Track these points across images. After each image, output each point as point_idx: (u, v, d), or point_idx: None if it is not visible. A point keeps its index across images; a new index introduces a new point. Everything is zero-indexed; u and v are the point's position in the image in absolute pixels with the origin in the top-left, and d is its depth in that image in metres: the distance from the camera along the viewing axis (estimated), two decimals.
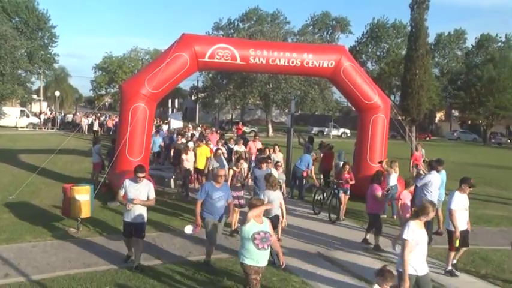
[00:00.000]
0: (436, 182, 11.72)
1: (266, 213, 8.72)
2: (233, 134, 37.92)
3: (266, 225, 6.83)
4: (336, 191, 14.08)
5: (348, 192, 14.32)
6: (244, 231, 6.74)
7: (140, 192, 8.82)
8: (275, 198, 9.97)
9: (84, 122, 48.14)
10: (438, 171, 12.25)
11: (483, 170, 19.78)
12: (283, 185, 13.60)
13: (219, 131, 30.76)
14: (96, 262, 9.29)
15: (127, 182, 8.92)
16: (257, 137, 21.51)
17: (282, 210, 10.25)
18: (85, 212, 11.26)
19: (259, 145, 20.22)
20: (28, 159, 23.34)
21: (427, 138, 66.45)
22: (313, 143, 20.02)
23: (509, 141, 72.28)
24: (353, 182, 14.44)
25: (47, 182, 17.56)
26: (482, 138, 69.30)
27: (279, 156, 17.43)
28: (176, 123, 28.12)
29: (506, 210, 16.36)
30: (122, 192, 8.98)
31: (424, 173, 14.02)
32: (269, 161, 14.08)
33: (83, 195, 11.21)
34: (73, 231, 11.35)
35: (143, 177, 8.88)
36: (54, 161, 19.31)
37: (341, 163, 18.01)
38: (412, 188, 12.15)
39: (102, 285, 8.19)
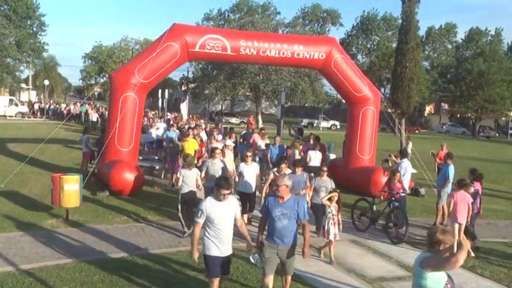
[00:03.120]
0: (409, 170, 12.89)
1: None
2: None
3: None
4: (393, 204, 11.78)
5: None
6: None
7: (227, 214, 6.62)
8: (190, 175, 10.74)
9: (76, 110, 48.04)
10: (448, 165, 12.82)
11: (471, 163, 19.92)
12: (332, 197, 9.83)
13: (220, 125, 26.79)
14: (84, 252, 9.27)
15: (207, 204, 6.56)
16: (263, 131, 19.92)
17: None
18: (74, 202, 11.23)
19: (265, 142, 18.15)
20: (17, 148, 23.21)
21: (417, 131, 66.69)
22: (303, 135, 20.07)
23: (497, 134, 72.78)
24: (407, 192, 12.59)
25: (36, 171, 17.47)
26: (471, 131, 69.68)
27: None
28: (185, 113, 27.43)
29: (494, 203, 16.47)
30: (201, 221, 6.56)
31: (394, 162, 14.11)
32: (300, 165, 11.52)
33: (72, 184, 11.17)
34: (62, 220, 11.32)
35: (228, 193, 6.58)
36: (43, 150, 19.20)
37: (330, 156, 18.09)
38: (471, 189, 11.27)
39: (91, 274, 8.17)
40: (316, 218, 11.01)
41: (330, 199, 9.70)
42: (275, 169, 11.64)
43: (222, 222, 6.53)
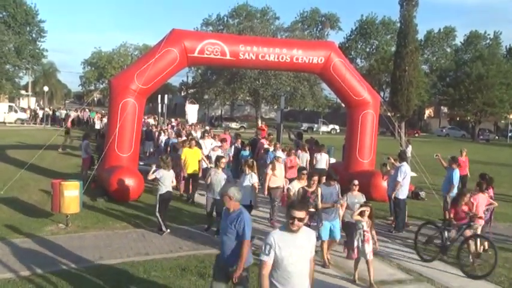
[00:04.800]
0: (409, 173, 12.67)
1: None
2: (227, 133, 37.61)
3: None
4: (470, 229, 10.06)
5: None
6: None
7: (302, 251, 5.06)
8: (168, 176, 11.10)
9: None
10: (453, 169, 12.83)
11: (472, 166, 19.91)
12: (364, 211, 8.84)
13: (228, 131, 25.52)
14: (85, 258, 9.25)
15: (275, 236, 4.97)
16: (271, 136, 19.65)
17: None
18: (74, 208, 11.22)
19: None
20: (16, 154, 23.18)
21: (416, 135, 66.68)
22: (302, 139, 20.06)
23: (497, 137, 72.77)
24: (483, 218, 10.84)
25: (35, 177, 17.44)
26: (470, 134, 69.69)
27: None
28: (192, 117, 26.91)
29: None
30: (269, 260, 4.98)
31: (393, 165, 14.03)
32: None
33: (72, 190, 11.16)
34: (62, 226, 11.30)
35: (303, 220, 5.02)
36: (43, 156, 19.19)
37: (330, 160, 18.03)
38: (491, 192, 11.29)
39: (92, 280, 8.16)
40: (349, 237, 9.52)
41: (361, 213, 8.76)
42: (298, 185, 10.02)
43: (294, 263, 4.93)
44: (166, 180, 11.18)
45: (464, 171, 17.50)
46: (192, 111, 28.91)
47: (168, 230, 11.06)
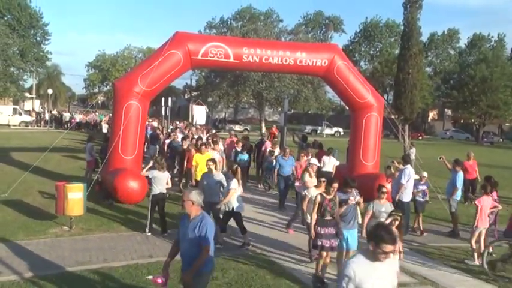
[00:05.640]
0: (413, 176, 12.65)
1: None
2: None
3: None
4: None
5: None
6: None
7: (386, 283, 4.65)
8: (162, 177, 11.35)
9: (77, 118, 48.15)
10: (457, 172, 12.82)
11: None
12: (393, 222, 8.29)
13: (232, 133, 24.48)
14: (89, 260, 9.28)
15: (356, 266, 4.43)
16: (276, 139, 19.77)
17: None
18: (78, 210, 11.26)
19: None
20: (21, 157, 23.25)
21: (420, 137, 66.58)
22: (307, 141, 20.06)
23: (501, 140, 72.59)
24: None
25: (39, 180, 17.49)
26: (474, 137, 69.52)
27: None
28: (200, 118, 26.36)
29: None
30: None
31: (397, 168, 13.98)
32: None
33: (76, 193, 11.20)
34: (66, 229, 11.33)
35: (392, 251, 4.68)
36: (47, 158, 19.25)
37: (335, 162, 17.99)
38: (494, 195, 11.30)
39: (96, 283, 8.18)
40: None
41: (390, 224, 8.00)
42: (315, 191, 9.55)
43: None
44: (160, 181, 11.38)
45: (472, 175, 17.45)
46: (199, 112, 28.08)
47: (150, 233, 11.20)
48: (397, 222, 8.14)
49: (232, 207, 10.60)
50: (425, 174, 13.19)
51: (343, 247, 8.91)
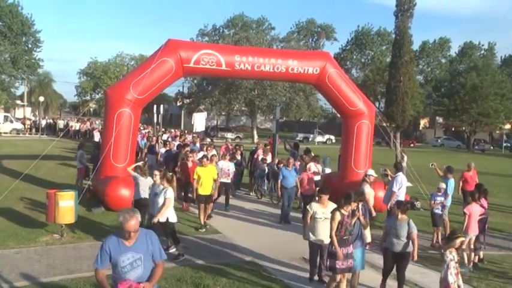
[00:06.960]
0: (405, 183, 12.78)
1: None
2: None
3: None
4: None
5: None
6: None
7: None
8: (144, 183, 11.46)
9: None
10: (448, 179, 12.87)
11: None
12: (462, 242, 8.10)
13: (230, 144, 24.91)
14: (80, 268, 9.22)
15: None
16: (268, 147, 19.55)
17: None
18: (69, 218, 11.19)
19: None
20: (11, 165, 23.10)
21: (411, 145, 66.87)
22: (299, 149, 20.08)
23: (492, 147, 72.96)
24: None
25: (30, 187, 17.40)
26: (465, 144, 69.86)
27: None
28: (200, 126, 26.00)
29: (489, 216, 16.43)
30: None
31: (390, 176, 14.03)
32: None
33: (67, 201, 11.14)
34: (57, 237, 11.26)
35: None
36: (38, 166, 19.14)
37: (327, 170, 18.07)
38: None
39: None
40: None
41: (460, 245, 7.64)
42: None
43: None
44: (142, 186, 11.57)
45: (472, 186, 16.59)
46: (199, 119, 27.48)
47: None
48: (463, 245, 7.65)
49: (167, 218, 10.14)
50: (443, 185, 12.63)
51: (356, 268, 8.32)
